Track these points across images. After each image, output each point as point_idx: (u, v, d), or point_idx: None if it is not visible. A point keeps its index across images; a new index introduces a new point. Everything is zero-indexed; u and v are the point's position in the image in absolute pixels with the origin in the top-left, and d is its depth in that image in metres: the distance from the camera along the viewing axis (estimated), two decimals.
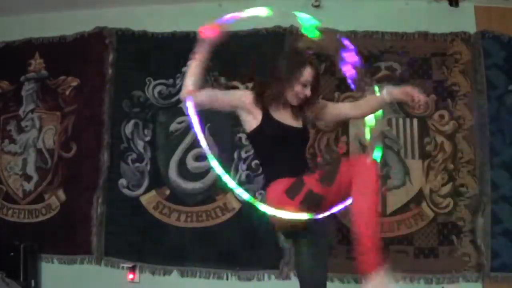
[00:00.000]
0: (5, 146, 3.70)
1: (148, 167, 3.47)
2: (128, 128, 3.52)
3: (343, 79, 3.30)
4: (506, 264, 3.08)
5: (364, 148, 3.25)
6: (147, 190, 3.44)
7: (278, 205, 1.92)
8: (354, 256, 1.88)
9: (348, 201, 1.92)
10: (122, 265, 3.35)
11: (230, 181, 1.93)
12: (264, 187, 2.11)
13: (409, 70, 3.31)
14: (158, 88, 3.53)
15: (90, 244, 3.40)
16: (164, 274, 3.33)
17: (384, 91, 2.01)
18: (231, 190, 1.89)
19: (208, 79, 3.47)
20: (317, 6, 3.38)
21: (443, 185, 3.20)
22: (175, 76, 3.51)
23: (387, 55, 3.35)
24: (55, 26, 3.70)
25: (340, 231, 3.17)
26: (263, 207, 1.90)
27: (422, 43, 3.33)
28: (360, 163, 1.94)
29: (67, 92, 3.64)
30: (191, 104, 1.92)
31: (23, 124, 3.69)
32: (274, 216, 1.91)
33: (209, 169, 3.38)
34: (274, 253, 3.19)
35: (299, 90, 2.03)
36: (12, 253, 3.26)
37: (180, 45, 3.53)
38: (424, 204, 3.18)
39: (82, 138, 3.56)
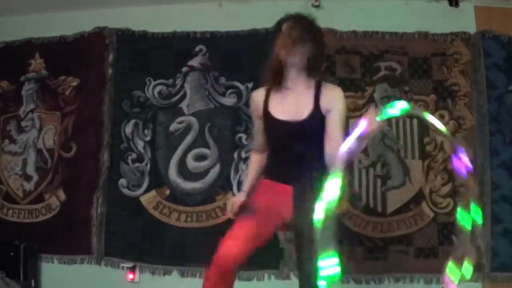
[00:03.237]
0: (5, 146, 3.69)
1: (148, 167, 3.47)
2: (128, 128, 3.52)
3: (343, 79, 3.34)
4: (506, 264, 3.08)
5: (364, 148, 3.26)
6: (147, 190, 3.44)
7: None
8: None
9: None
10: (122, 265, 3.35)
11: None
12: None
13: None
14: (158, 88, 3.53)
15: (90, 244, 3.40)
16: (164, 274, 3.33)
17: None
18: None
19: (208, 79, 3.48)
20: (317, 6, 3.38)
21: (443, 185, 3.20)
22: (175, 76, 3.51)
23: (387, 55, 3.35)
24: (55, 26, 3.69)
25: (340, 231, 3.17)
26: None
27: (422, 43, 3.33)
28: None
29: (67, 92, 3.64)
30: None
31: (23, 124, 3.69)
32: None
33: (209, 169, 3.39)
34: (274, 253, 3.19)
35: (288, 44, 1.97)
36: (12, 253, 3.25)
37: (180, 45, 3.53)
38: (424, 204, 3.19)
39: (82, 138, 3.55)
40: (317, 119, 1.99)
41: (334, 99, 2.01)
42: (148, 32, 3.59)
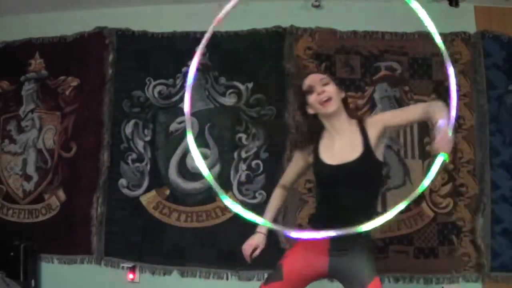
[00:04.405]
0: (5, 146, 3.69)
1: (148, 167, 3.47)
2: (128, 128, 3.52)
3: (343, 79, 3.34)
4: (506, 264, 3.08)
5: None
6: (147, 190, 3.44)
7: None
8: None
9: None
10: (122, 265, 3.35)
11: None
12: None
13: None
14: (158, 88, 3.53)
15: (90, 244, 3.40)
16: (164, 274, 3.33)
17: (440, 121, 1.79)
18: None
19: (208, 79, 3.48)
20: (317, 6, 3.38)
21: (443, 185, 3.20)
22: (175, 76, 3.51)
23: (387, 55, 3.35)
24: (55, 26, 3.69)
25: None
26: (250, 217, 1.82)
27: (422, 43, 3.33)
28: None
29: (67, 92, 3.64)
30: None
31: (23, 124, 3.69)
32: None
33: (209, 169, 3.37)
34: (274, 253, 3.17)
35: (313, 97, 2.02)
36: (12, 253, 3.25)
37: (180, 45, 3.53)
38: (424, 204, 3.18)
39: (82, 138, 3.55)
40: (368, 160, 1.96)
41: (376, 119, 2.06)
42: (148, 32, 3.59)
